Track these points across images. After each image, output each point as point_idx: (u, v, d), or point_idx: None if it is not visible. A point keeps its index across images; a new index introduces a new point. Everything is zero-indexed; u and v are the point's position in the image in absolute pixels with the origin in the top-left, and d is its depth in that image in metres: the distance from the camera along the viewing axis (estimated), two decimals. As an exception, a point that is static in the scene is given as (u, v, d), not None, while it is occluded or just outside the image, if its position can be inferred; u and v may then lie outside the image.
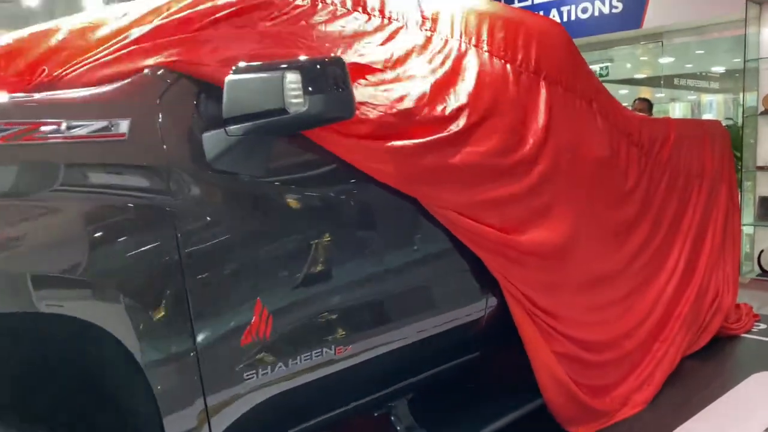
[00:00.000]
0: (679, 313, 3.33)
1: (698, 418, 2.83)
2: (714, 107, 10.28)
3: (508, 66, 2.50)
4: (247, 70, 1.48)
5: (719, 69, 9.06)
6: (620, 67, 9.07)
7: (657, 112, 6.02)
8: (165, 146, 1.43)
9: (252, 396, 1.57)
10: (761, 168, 5.45)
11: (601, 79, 8.56)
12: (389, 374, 1.99)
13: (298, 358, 1.66)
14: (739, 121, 5.75)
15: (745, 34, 5.35)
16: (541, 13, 7.21)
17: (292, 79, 1.42)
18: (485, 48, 2.48)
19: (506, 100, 2.37)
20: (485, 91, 2.31)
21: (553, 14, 7.09)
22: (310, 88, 1.41)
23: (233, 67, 1.49)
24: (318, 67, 1.43)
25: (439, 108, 2.09)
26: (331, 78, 1.44)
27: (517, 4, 7.36)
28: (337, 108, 1.45)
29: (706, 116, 9.91)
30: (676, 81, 9.04)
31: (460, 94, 2.22)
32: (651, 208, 3.15)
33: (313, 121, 1.45)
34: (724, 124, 6.12)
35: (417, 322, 1.99)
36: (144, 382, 1.35)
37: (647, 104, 5.98)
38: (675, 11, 6.13)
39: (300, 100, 1.42)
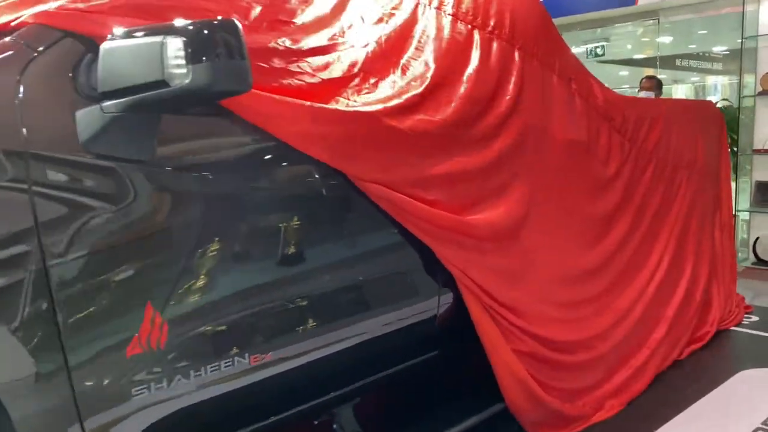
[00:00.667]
0: (665, 316, 3.12)
1: (679, 419, 2.64)
2: (719, 88, 9.99)
3: (477, 32, 2.30)
4: (124, 35, 1.25)
5: (718, 48, 8.76)
6: (615, 47, 8.78)
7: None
8: (24, 129, 1.21)
9: (144, 415, 1.37)
10: (759, 151, 5.20)
11: (597, 59, 8.32)
12: (321, 382, 1.78)
13: (203, 369, 1.45)
14: (737, 101, 5.48)
15: (743, 10, 5.07)
16: (533, -11, 6.92)
17: (174, 45, 1.19)
18: (449, 11, 2.28)
19: (470, 67, 2.17)
20: (443, 56, 2.11)
21: (545, -9, 6.80)
22: (194, 57, 1.19)
23: (110, 34, 1.27)
24: (205, 31, 1.21)
25: (377, 75, 1.90)
26: (222, 44, 1.21)
27: (508, -19, 7.06)
28: (229, 80, 1.22)
29: (709, 98, 9.63)
30: (674, 62, 8.73)
31: (409, 60, 2.03)
32: (633, 200, 2.95)
33: (199, 96, 1.23)
34: (720, 105, 5.88)
35: (353, 325, 1.78)
36: (-2, 407, 1.15)
37: (655, 82, 5.62)
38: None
39: (183, 70, 1.19)
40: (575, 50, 8.94)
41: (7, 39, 1.31)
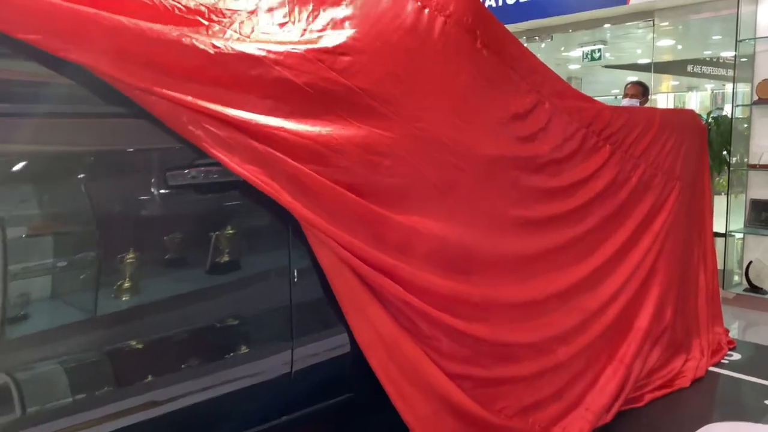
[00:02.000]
0: (638, 326, 2.86)
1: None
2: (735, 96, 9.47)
3: (426, 11, 2.11)
4: None
5: (717, 53, 8.26)
6: (617, 50, 8.33)
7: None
8: None
9: None
10: (754, 166, 4.72)
11: (593, 63, 7.87)
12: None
13: None
14: (732, 111, 4.99)
15: (738, 11, 4.59)
16: (521, -13, 6.50)
17: None
18: None
19: (409, 44, 2.00)
20: (372, 25, 1.94)
21: (533, -12, 6.37)
22: None
23: None
24: None
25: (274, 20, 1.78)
26: None
27: (494, -22, 6.65)
28: None
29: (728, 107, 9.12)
30: (670, 67, 8.25)
31: (320, 17, 1.87)
32: (609, 202, 2.77)
33: None
34: (716, 115, 5.42)
35: (131, 397, 1.34)
36: None
37: (641, 89, 5.20)
38: (665, -16, 5.40)
39: None
40: (571, 53, 8.53)
41: None
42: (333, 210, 1.64)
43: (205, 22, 1.64)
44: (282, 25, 1.79)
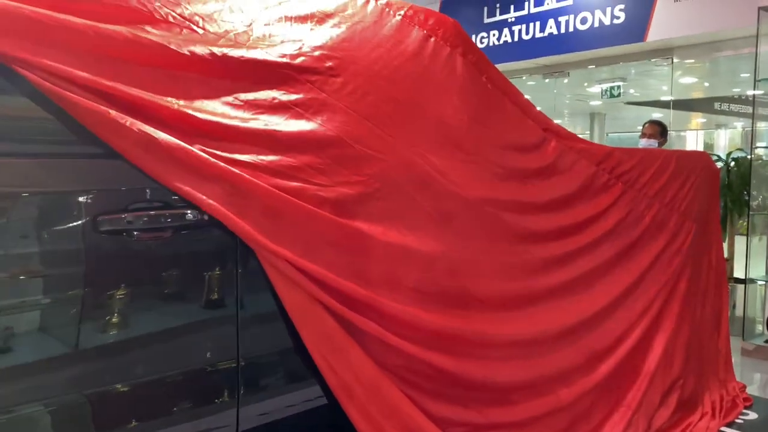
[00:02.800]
0: (646, 371, 2.69)
1: None
2: (754, 137, 9.22)
3: (432, 39, 2.09)
4: None
5: (744, 91, 8.06)
6: (641, 87, 8.19)
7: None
8: None
9: None
10: (775, 211, 4.52)
11: (612, 99, 7.74)
12: None
13: None
14: (751, 152, 4.80)
15: (757, 48, 4.44)
16: (538, 23, 6.44)
17: None
18: (402, 14, 2.08)
19: (411, 69, 1.97)
20: (372, 47, 1.91)
21: (550, 24, 6.31)
22: None
23: None
24: None
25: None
26: None
27: (512, 14, 6.61)
28: None
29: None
30: (694, 104, 8.06)
31: (315, 32, 1.84)
32: (619, 241, 2.68)
33: None
34: (736, 156, 5.22)
35: None
36: None
37: (659, 128, 5.04)
38: (682, 23, 5.27)
39: None
40: (593, 89, 8.40)
41: None
42: (311, 240, 1.55)
43: (200, 31, 1.61)
44: (276, 40, 1.75)
